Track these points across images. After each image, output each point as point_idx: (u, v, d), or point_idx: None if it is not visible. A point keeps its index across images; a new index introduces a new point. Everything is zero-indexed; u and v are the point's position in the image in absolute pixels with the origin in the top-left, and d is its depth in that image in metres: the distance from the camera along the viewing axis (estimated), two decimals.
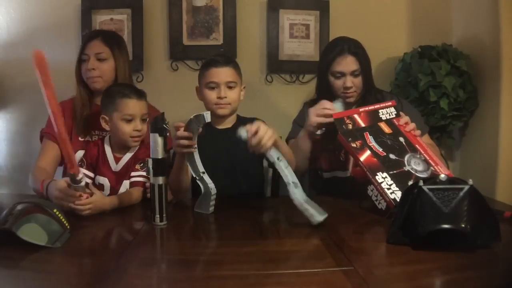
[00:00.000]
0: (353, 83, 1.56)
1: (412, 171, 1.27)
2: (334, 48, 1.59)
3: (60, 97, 1.66)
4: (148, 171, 1.17)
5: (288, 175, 1.16)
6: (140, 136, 1.42)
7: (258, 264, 0.92)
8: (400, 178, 1.24)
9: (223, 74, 1.48)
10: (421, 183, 0.97)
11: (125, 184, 1.42)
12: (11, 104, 2.06)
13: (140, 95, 1.43)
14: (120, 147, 1.44)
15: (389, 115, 1.43)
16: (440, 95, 1.85)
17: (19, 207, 1.01)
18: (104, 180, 1.42)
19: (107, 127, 1.43)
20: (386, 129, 1.38)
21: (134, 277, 0.84)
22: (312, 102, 1.73)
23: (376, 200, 1.25)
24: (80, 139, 1.56)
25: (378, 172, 1.25)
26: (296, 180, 1.16)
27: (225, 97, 1.48)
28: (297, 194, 1.13)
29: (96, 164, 1.43)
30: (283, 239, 1.08)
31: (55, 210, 1.05)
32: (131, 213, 1.30)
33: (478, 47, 1.95)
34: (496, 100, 1.82)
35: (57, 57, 2.01)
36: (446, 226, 0.90)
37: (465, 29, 2.07)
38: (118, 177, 1.42)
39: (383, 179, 1.23)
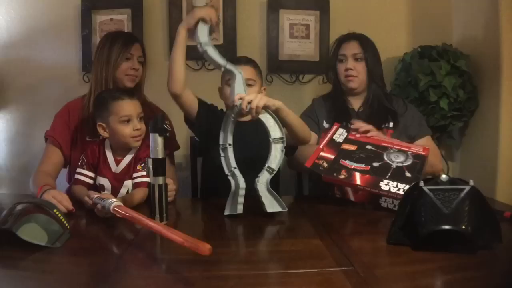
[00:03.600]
0: (354, 67, 1.66)
1: (400, 165, 1.33)
2: (343, 36, 1.74)
3: (60, 97, 1.68)
4: (148, 171, 1.17)
5: (274, 159, 1.23)
6: (140, 135, 1.41)
7: (258, 264, 0.92)
8: (397, 175, 1.29)
9: (242, 71, 1.48)
10: (421, 183, 0.97)
11: (126, 184, 1.42)
12: (11, 104, 2.06)
13: (131, 94, 1.44)
14: (121, 149, 1.43)
15: (343, 135, 1.50)
16: (440, 95, 1.85)
17: (19, 207, 1.01)
18: (105, 181, 1.41)
19: (105, 135, 1.41)
20: (351, 147, 1.43)
21: (134, 277, 0.84)
22: (321, 98, 1.75)
23: (394, 206, 1.26)
24: (88, 139, 1.54)
25: (379, 183, 1.28)
26: (275, 168, 1.23)
27: None
28: (265, 179, 1.23)
29: (97, 164, 1.42)
30: (283, 239, 1.08)
31: (55, 210, 1.05)
32: None
33: (478, 47, 1.95)
34: (496, 100, 1.82)
35: (57, 57, 2.02)
36: (446, 227, 0.90)
37: (465, 29, 2.07)
38: (118, 178, 1.42)
39: (387, 185, 1.26)
